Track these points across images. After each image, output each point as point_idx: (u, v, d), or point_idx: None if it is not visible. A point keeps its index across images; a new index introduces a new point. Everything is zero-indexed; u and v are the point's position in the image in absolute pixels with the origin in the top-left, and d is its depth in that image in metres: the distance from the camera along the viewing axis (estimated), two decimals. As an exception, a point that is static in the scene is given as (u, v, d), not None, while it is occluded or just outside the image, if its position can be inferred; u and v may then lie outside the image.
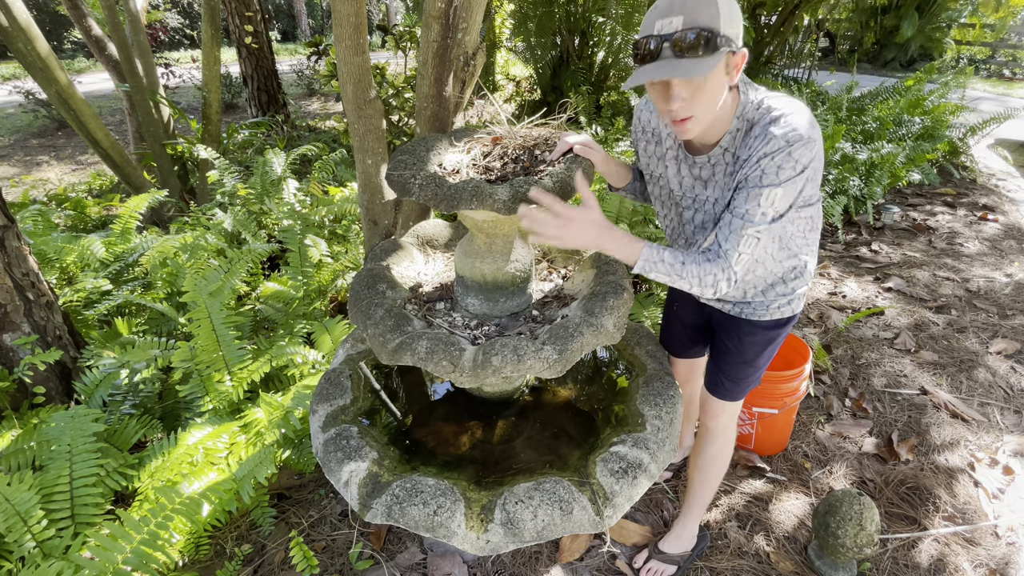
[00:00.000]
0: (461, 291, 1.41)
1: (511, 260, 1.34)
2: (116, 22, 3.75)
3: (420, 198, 1.16)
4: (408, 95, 4.39)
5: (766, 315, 1.35)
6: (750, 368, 1.44)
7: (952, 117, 5.15)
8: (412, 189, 1.17)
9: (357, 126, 1.99)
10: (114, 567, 1.33)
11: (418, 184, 1.16)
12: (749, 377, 1.46)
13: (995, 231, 4.00)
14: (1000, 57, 10.82)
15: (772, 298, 1.33)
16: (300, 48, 14.37)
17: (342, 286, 2.75)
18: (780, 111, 1.07)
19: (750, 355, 1.42)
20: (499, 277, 1.34)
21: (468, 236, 1.38)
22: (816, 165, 1.08)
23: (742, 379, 1.46)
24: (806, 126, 1.05)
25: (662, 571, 1.67)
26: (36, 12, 15.05)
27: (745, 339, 1.40)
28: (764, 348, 1.41)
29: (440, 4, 1.69)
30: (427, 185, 1.15)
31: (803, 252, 1.27)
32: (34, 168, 6.35)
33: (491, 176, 1.25)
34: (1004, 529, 1.83)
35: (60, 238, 2.88)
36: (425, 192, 1.15)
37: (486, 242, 1.32)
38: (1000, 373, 2.54)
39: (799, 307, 1.37)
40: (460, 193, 1.12)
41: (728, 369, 1.46)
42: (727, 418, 1.54)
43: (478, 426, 1.55)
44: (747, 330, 1.39)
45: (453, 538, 1.15)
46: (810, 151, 1.05)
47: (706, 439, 1.58)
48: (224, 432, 1.77)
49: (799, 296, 1.35)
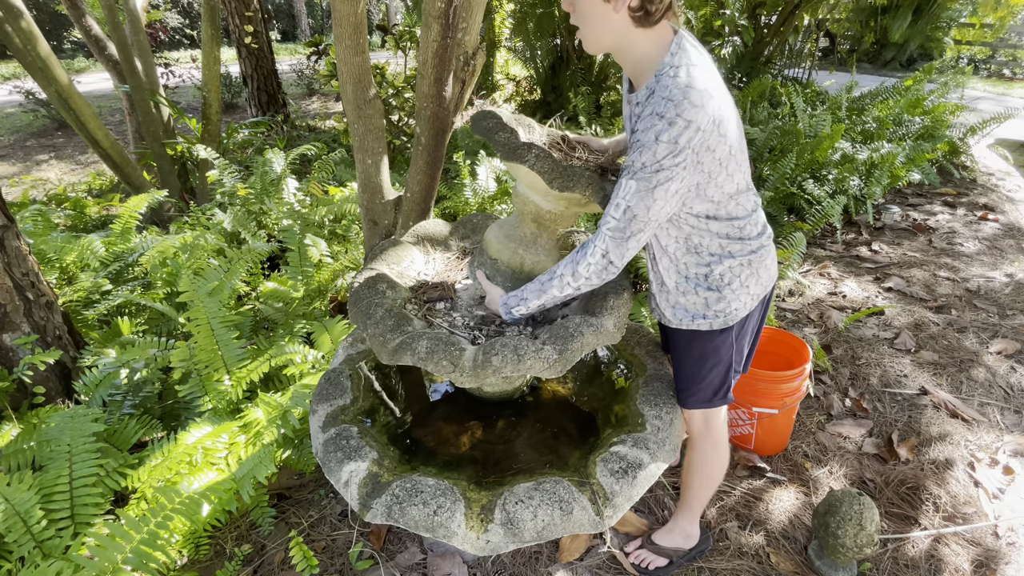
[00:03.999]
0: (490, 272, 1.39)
1: (550, 257, 1.38)
2: (116, 22, 3.74)
3: (535, 167, 1.16)
4: (408, 95, 4.39)
5: (683, 324, 1.33)
6: (683, 376, 1.42)
7: (952, 117, 5.15)
8: (527, 157, 1.16)
9: (357, 126, 1.99)
10: (114, 567, 1.33)
11: (535, 154, 1.16)
12: (693, 387, 1.41)
13: (995, 231, 4.00)
14: (1000, 57, 10.82)
15: (690, 306, 1.30)
16: (300, 48, 14.36)
17: (342, 286, 2.75)
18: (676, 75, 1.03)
19: (682, 363, 1.40)
20: (535, 270, 1.37)
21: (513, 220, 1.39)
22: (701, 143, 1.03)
23: (683, 386, 1.43)
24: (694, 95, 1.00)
25: (651, 561, 1.67)
26: (36, 12, 15.04)
27: (678, 346, 1.40)
28: (694, 358, 1.37)
29: (440, 4, 1.69)
30: (544, 158, 1.16)
31: (717, 264, 1.23)
32: (34, 168, 6.35)
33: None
34: (1004, 529, 1.83)
35: (60, 238, 2.88)
36: (542, 164, 1.16)
37: (534, 232, 1.35)
38: (1000, 373, 2.54)
39: (719, 324, 1.31)
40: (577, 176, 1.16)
41: (675, 375, 1.47)
42: (699, 423, 1.50)
43: (478, 426, 1.54)
44: (679, 337, 1.38)
45: (453, 538, 1.15)
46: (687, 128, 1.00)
47: (688, 444, 1.59)
48: (223, 432, 1.77)
49: (721, 312, 1.29)
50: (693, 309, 1.30)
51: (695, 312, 1.30)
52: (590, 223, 3.16)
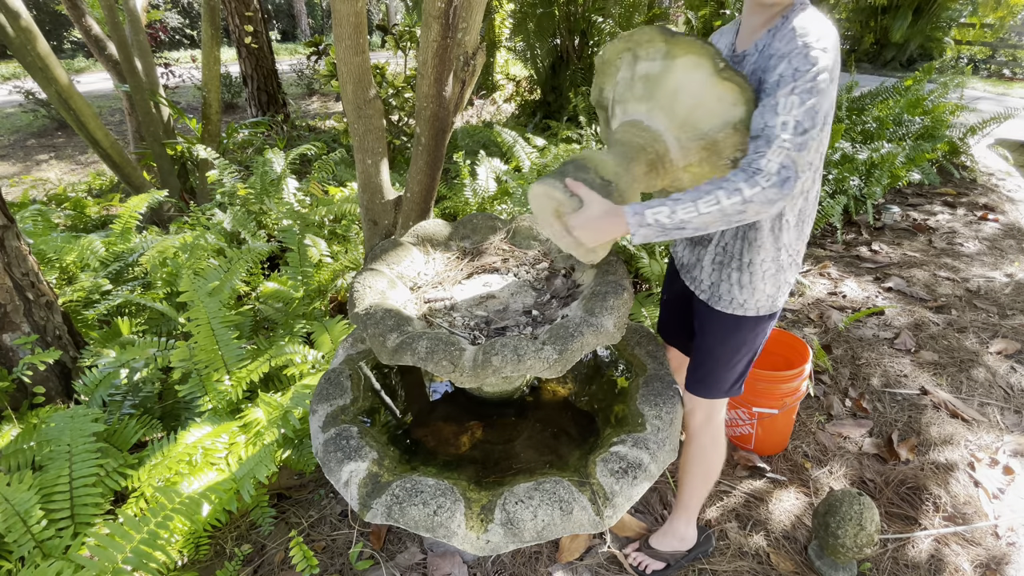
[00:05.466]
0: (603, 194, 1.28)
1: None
2: (116, 21, 3.75)
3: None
4: (408, 95, 4.39)
5: (740, 309, 1.31)
6: (713, 362, 1.39)
7: (952, 117, 5.15)
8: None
9: (357, 126, 1.99)
10: (114, 567, 1.33)
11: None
12: (719, 375, 1.40)
13: (995, 231, 4.00)
14: (1000, 57, 10.82)
15: (751, 288, 1.29)
16: (300, 48, 14.37)
17: (342, 286, 2.75)
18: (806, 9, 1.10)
19: (715, 350, 1.38)
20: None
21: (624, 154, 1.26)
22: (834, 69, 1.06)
23: (707, 374, 1.41)
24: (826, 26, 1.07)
25: (648, 565, 1.66)
26: (36, 12, 15.05)
27: (715, 332, 1.37)
28: (737, 346, 1.36)
29: (440, 4, 1.69)
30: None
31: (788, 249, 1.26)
32: (34, 168, 6.35)
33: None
34: (1004, 529, 1.83)
35: (60, 238, 2.88)
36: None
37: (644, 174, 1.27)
38: (1000, 373, 2.54)
39: (767, 310, 1.32)
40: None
41: (701, 359, 1.42)
42: (702, 416, 1.49)
43: (478, 426, 1.54)
44: (721, 323, 1.35)
45: (453, 538, 1.15)
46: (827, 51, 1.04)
47: (686, 438, 1.57)
48: (223, 432, 1.77)
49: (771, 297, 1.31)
50: (760, 294, 1.29)
51: (759, 298, 1.29)
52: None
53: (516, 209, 3.23)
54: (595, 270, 1.42)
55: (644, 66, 1.22)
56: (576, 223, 1.18)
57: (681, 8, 7.18)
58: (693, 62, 1.14)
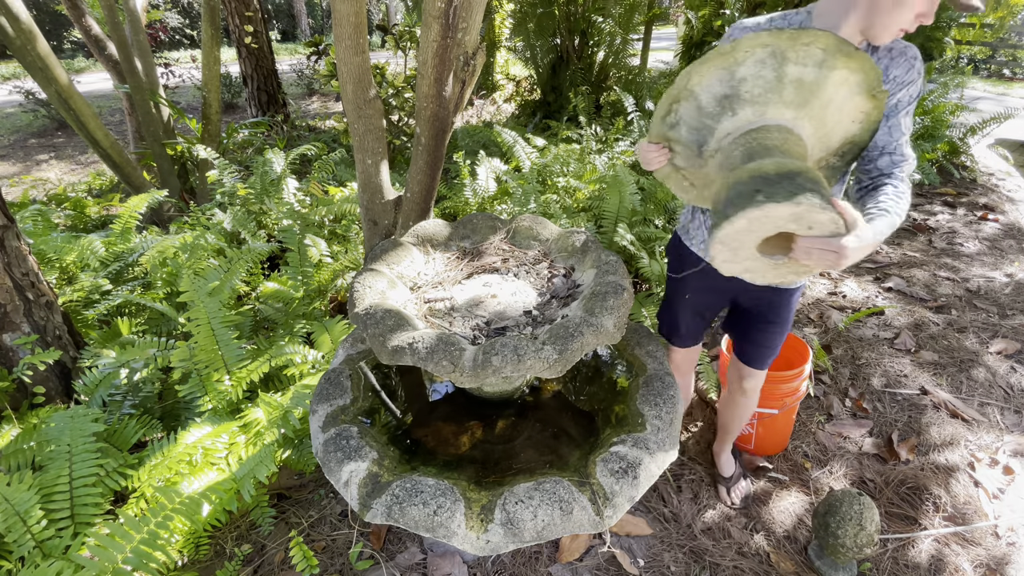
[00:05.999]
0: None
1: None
2: (116, 21, 3.74)
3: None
4: (408, 95, 4.39)
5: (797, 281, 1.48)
6: (780, 334, 1.62)
7: (952, 117, 5.15)
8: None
9: (357, 126, 1.99)
10: (114, 567, 1.33)
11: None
12: (780, 344, 1.65)
13: (995, 231, 4.00)
14: (1000, 57, 10.81)
15: None
16: (300, 48, 14.37)
17: (342, 286, 2.75)
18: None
19: (787, 323, 1.60)
20: None
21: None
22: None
23: (776, 345, 1.64)
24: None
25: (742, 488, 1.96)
26: (36, 12, 15.05)
27: (786, 306, 1.56)
28: (791, 316, 1.60)
29: (440, 4, 1.69)
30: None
31: None
32: (34, 168, 6.35)
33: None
34: (1004, 529, 1.83)
35: (60, 238, 2.88)
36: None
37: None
38: (1000, 373, 2.54)
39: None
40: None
41: (771, 339, 1.62)
42: (762, 380, 1.76)
43: (478, 426, 1.54)
44: (789, 300, 1.55)
45: (453, 538, 1.15)
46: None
47: (741, 400, 1.81)
48: (223, 432, 1.77)
49: None
50: None
51: None
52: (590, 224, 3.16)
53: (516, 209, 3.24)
54: (595, 270, 1.41)
55: (795, 70, 1.11)
56: (853, 245, 1.03)
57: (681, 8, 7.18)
58: (851, 77, 1.09)
